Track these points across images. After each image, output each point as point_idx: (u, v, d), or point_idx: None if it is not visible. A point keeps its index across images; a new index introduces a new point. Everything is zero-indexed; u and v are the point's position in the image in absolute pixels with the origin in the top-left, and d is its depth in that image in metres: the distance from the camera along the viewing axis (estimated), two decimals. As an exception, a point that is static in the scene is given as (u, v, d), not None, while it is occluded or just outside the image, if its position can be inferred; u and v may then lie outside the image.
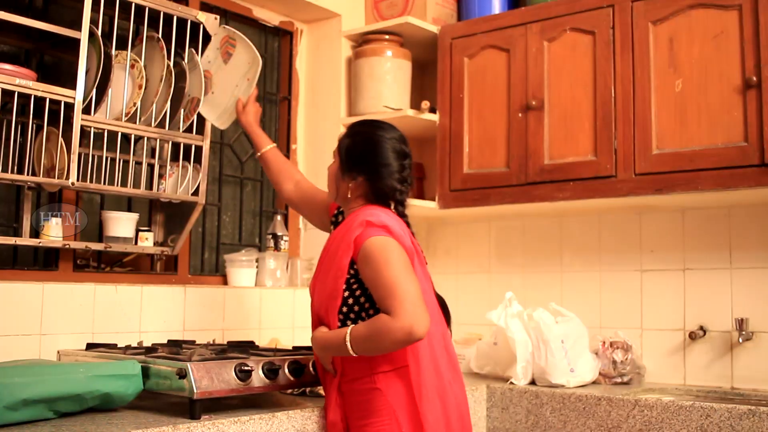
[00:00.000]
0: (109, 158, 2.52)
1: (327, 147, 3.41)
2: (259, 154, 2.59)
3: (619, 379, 2.89)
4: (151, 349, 2.26)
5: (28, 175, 2.35)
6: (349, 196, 2.19)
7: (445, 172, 3.21)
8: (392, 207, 2.18)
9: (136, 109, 2.49)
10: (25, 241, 2.43)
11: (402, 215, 2.17)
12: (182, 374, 1.92)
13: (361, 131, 2.22)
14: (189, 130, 2.65)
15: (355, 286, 2.06)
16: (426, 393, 2.02)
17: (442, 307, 2.21)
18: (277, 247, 3.20)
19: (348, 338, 1.98)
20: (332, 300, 2.07)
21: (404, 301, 1.92)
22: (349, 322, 2.07)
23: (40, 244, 2.44)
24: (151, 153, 2.72)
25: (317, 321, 2.15)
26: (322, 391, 2.38)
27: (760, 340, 2.83)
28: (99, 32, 2.38)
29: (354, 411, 2.06)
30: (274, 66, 3.51)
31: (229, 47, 2.64)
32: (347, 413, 2.08)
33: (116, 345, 2.40)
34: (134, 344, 2.50)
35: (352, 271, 2.06)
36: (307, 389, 2.40)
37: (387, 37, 3.34)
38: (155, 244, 2.78)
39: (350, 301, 2.07)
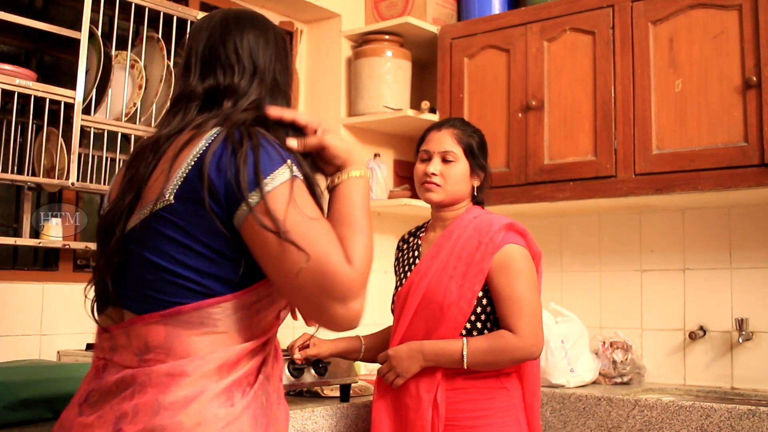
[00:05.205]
0: (109, 158, 2.52)
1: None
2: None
3: (619, 379, 2.89)
4: (151, 349, 2.25)
5: (28, 175, 2.34)
6: (466, 195, 2.17)
7: (445, 172, 3.20)
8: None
9: (136, 109, 2.49)
10: (25, 241, 2.42)
11: None
12: (182, 374, 1.91)
13: (478, 130, 2.23)
14: (189, 130, 2.65)
15: (480, 294, 2.03)
16: (538, 394, 2.10)
17: None
18: (277, 247, 3.19)
19: (465, 351, 1.97)
20: (467, 305, 2.01)
21: (529, 321, 1.96)
22: (463, 331, 2.03)
23: (40, 244, 2.44)
24: (151, 153, 2.72)
25: (415, 324, 2.07)
26: (321, 391, 2.38)
27: (760, 340, 2.83)
28: (99, 32, 2.38)
29: (470, 409, 2.02)
30: (274, 66, 3.50)
31: None
32: (457, 410, 2.02)
33: (116, 345, 2.40)
34: (134, 344, 2.49)
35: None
36: (304, 389, 2.39)
37: (387, 37, 3.34)
38: (155, 244, 2.77)
39: (478, 309, 2.04)
